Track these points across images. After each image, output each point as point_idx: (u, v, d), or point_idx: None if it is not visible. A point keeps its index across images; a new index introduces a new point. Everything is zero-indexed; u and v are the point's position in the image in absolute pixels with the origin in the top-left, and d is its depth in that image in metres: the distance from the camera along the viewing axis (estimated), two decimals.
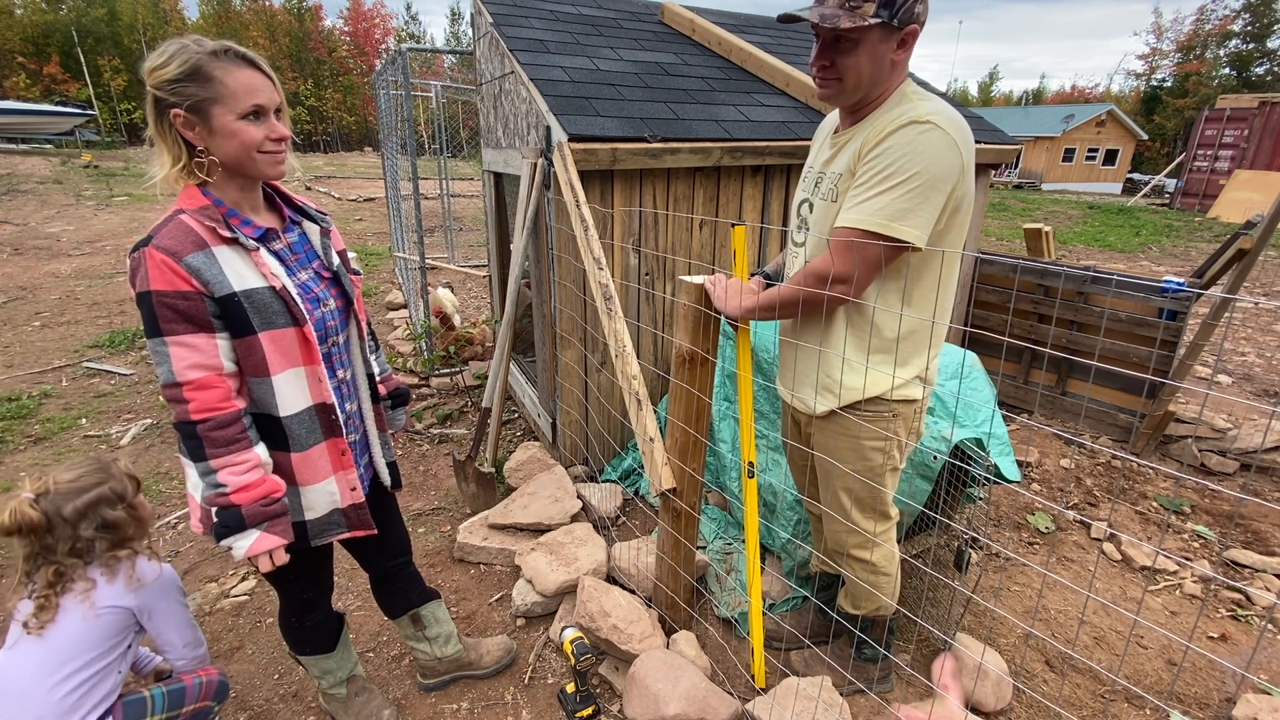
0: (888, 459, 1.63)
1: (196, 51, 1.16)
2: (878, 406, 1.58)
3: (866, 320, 1.53)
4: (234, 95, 1.17)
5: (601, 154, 2.54)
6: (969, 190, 1.42)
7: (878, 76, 1.42)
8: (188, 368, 1.18)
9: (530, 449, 3.09)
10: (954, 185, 1.37)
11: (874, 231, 1.36)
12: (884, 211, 1.35)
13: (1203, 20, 39.73)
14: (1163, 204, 18.97)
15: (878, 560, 1.76)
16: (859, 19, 1.33)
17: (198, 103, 1.16)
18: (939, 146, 1.34)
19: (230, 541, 1.24)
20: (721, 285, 1.65)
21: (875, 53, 1.39)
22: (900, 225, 1.35)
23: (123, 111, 38.23)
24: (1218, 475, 3.34)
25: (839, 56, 1.41)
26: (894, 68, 1.42)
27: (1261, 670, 2.12)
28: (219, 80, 1.16)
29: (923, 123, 1.34)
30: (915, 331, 1.54)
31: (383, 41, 50.74)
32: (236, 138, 1.18)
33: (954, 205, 1.40)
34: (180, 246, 1.16)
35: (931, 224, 1.38)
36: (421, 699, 2.00)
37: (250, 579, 2.52)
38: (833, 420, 1.63)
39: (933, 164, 1.33)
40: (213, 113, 1.17)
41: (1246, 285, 8.16)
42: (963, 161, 1.37)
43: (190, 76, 1.15)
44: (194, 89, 1.15)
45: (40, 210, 11.57)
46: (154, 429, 3.76)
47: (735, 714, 1.77)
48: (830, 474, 1.70)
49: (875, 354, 1.54)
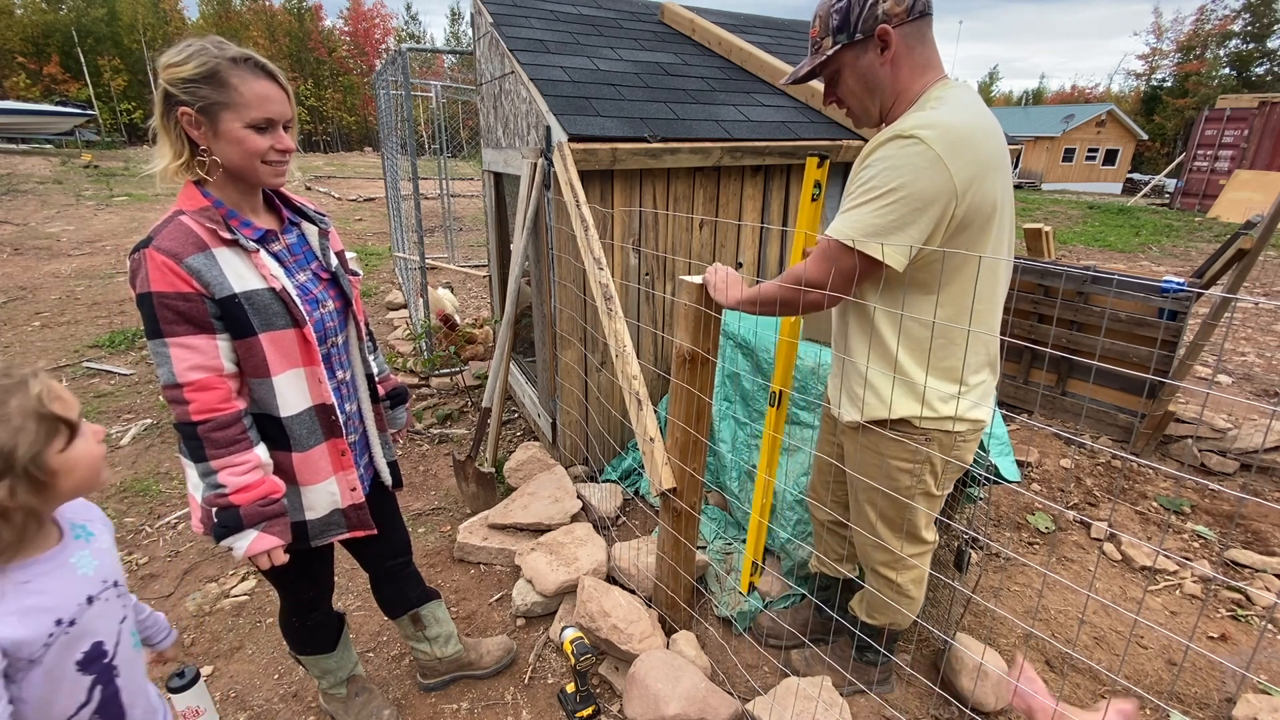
0: (917, 482, 1.55)
1: (216, 55, 1.16)
2: (906, 429, 1.51)
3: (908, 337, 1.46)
4: (247, 104, 1.17)
5: (601, 154, 2.54)
6: (975, 205, 1.32)
7: (875, 86, 1.43)
8: (188, 369, 1.18)
9: (530, 449, 3.09)
10: (947, 203, 1.29)
11: (846, 245, 1.33)
12: (857, 226, 1.32)
13: (1203, 20, 39.75)
14: (1163, 204, 18.96)
15: (904, 582, 1.71)
16: (821, 55, 1.44)
17: (208, 105, 1.16)
18: (918, 164, 1.27)
19: (229, 541, 1.24)
20: (721, 275, 1.66)
21: (858, 70, 1.42)
22: (872, 242, 1.30)
23: (123, 111, 38.24)
24: (1218, 475, 3.34)
25: (835, 90, 1.50)
26: (893, 68, 1.39)
27: (1261, 670, 2.12)
28: (234, 88, 1.16)
29: (907, 137, 1.28)
30: (948, 357, 1.45)
31: (383, 41, 50.75)
32: (241, 145, 1.19)
33: (957, 224, 1.32)
34: (181, 248, 1.16)
35: (915, 243, 1.30)
36: (421, 699, 2.00)
37: (250, 579, 2.52)
38: (861, 433, 1.59)
39: (911, 182, 1.27)
40: (221, 117, 1.17)
41: (1246, 285, 8.16)
42: (952, 178, 1.27)
43: (206, 79, 1.15)
44: (207, 91, 1.15)
45: (40, 210, 11.57)
46: (154, 429, 3.76)
47: (735, 714, 1.77)
48: (857, 486, 1.67)
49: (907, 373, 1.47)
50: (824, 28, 1.42)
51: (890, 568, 1.70)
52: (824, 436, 1.89)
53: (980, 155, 1.31)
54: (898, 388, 1.48)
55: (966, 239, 1.36)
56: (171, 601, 2.42)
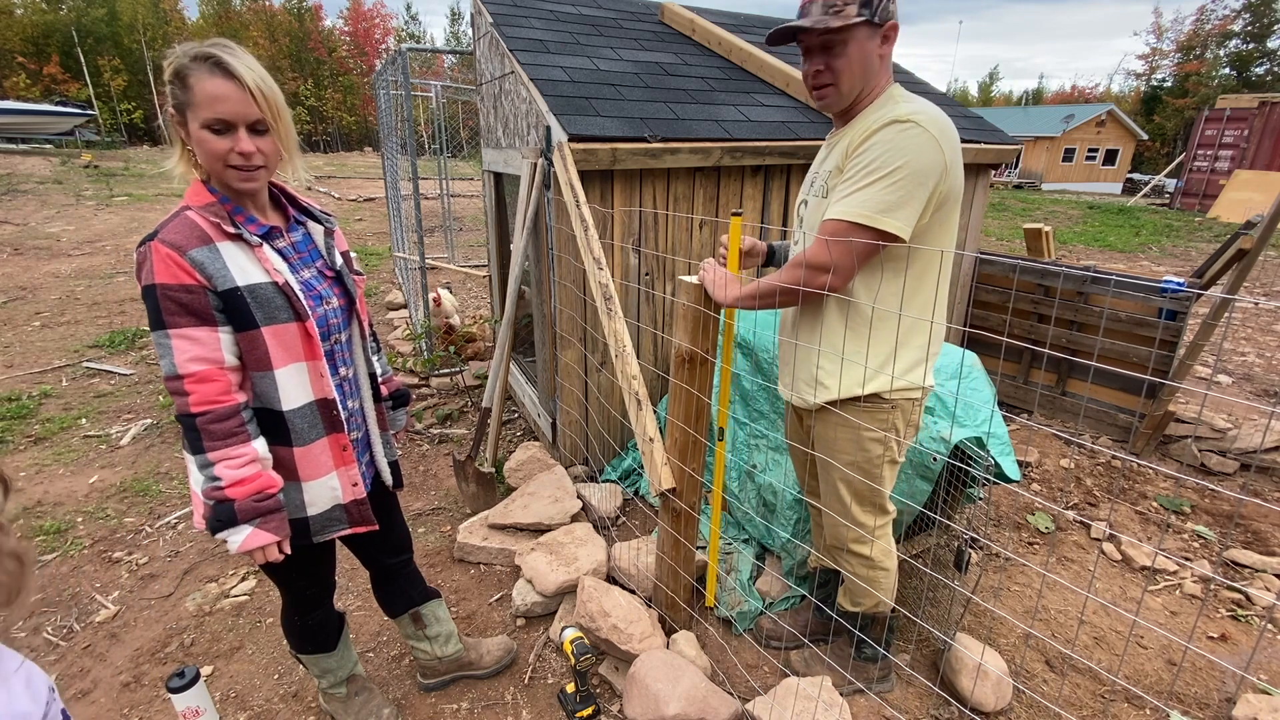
0: (886, 450, 1.65)
1: (185, 54, 1.17)
2: (877, 401, 1.61)
3: (862, 317, 1.56)
4: (199, 104, 1.17)
5: (601, 154, 2.54)
6: (955, 187, 1.46)
7: (867, 72, 1.49)
8: (189, 360, 1.19)
9: (530, 449, 3.10)
10: (938, 181, 1.41)
11: (859, 224, 1.41)
12: (869, 204, 1.41)
13: (1203, 20, 39.73)
14: (1163, 204, 18.96)
15: (875, 555, 1.78)
16: (845, 18, 1.42)
17: (179, 105, 1.19)
18: (921, 143, 1.39)
19: (224, 535, 1.25)
20: (719, 273, 1.70)
21: (863, 50, 1.46)
22: (885, 218, 1.40)
23: (123, 111, 38.22)
24: (1218, 475, 3.34)
25: (831, 59, 1.48)
26: (881, 63, 1.50)
27: (1261, 670, 2.13)
28: (191, 87, 1.17)
29: (904, 121, 1.40)
30: (912, 327, 1.57)
31: (383, 41, 50.73)
32: (202, 146, 1.20)
33: (939, 200, 1.45)
34: (185, 241, 1.18)
35: (915, 218, 1.42)
36: (421, 699, 2.00)
37: (250, 579, 2.52)
38: (832, 412, 1.65)
39: (915, 159, 1.38)
40: (189, 118, 1.19)
41: (1246, 285, 8.16)
42: (945, 158, 1.41)
43: (175, 79, 1.17)
44: (178, 92, 1.18)
45: (40, 210, 11.57)
46: (154, 429, 3.76)
47: (735, 714, 1.77)
48: (829, 467, 1.72)
49: (872, 349, 1.57)
50: None
51: (861, 543, 1.77)
52: (792, 427, 1.95)
53: (957, 144, 1.45)
54: (871, 363, 1.57)
55: (941, 217, 1.49)
56: (171, 601, 2.42)
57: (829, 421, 1.68)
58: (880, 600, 1.81)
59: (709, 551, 2.20)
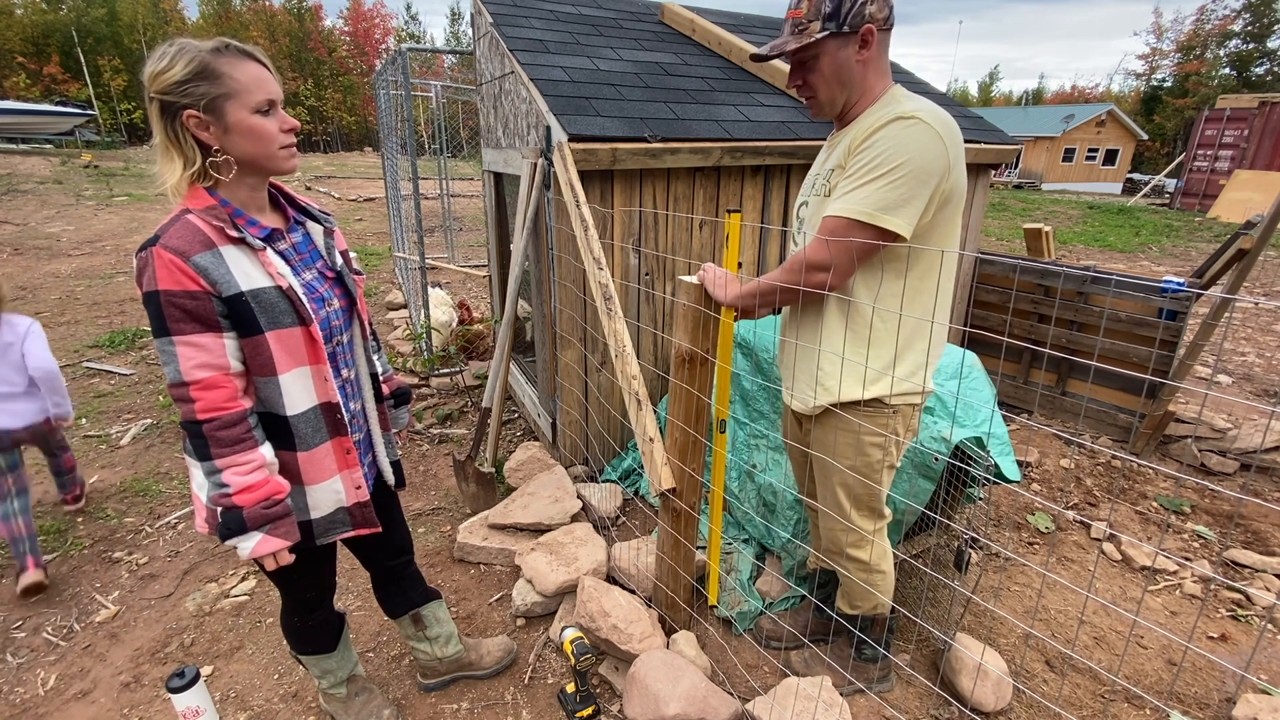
0: (886, 455, 1.65)
1: (199, 49, 1.15)
2: (878, 405, 1.60)
3: (863, 318, 1.55)
4: (247, 89, 1.16)
5: (601, 154, 2.54)
6: (958, 185, 1.45)
7: (848, 80, 1.49)
8: (195, 367, 1.18)
9: (530, 449, 3.09)
10: (940, 179, 1.40)
11: (859, 221, 1.40)
12: (870, 201, 1.40)
13: (1203, 20, 39.71)
14: (1163, 204, 18.96)
15: (872, 558, 1.77)
16: (806, 38, 1.45)
17: (211, 101, 1.15)
18: (924, 140, 1.38)
19: (234, 542, 1.25)
20: (718, 272, 1.71)
21: (836, 61, 1.47)
22: (887, 215, 1.39)
23: (123, 111, 38.21)
24: (1218, 475, 3.34)
25: (806, 74, 1.52)
26: (865, 67, 1.48)
27: (1261, 670, 2.13)
28: (229, 75, 1.15)
29: (908, 119, 1.39)
30: (914, 330, 1.55)
31: (383, 41, 50.73)
32: (254, 134, 1.18)
33: (942, 198, 1.44)
34: (188, 246, 1.16)
35: (918, 216, 1.41)
36: (421, 699, 2.00)
37: (250, 579, 2.52)
38: (832, 416, 1.64)
39: (918, 156, 1.37)
40: (227, 109, 1.16)
41: (1246, 285, 8.16)
42: (948, 156, 1.40)
43: (199, 75, 1.14)
44: (205, 87, 1.14)
45: (40, 210, 11.57)
46: (154, 429, 3.76)
47: (735, 714, 1.77)
48: (828, 471, 1.71)
49: (873, 351, 1.56)
50: (813, 11, 1.45)
51: (858, 547, 1.76)
52: (790, 429, 1.94)
53: (959, 143, 1.44)
54: (872, 367, 1.56)
55: (945, 215, 1.48)
56: (172, 601, 2.42)
57: (828, 425, 1.67)
58: (878, 603, 1.81)
59: (709, 551, 2.21)
